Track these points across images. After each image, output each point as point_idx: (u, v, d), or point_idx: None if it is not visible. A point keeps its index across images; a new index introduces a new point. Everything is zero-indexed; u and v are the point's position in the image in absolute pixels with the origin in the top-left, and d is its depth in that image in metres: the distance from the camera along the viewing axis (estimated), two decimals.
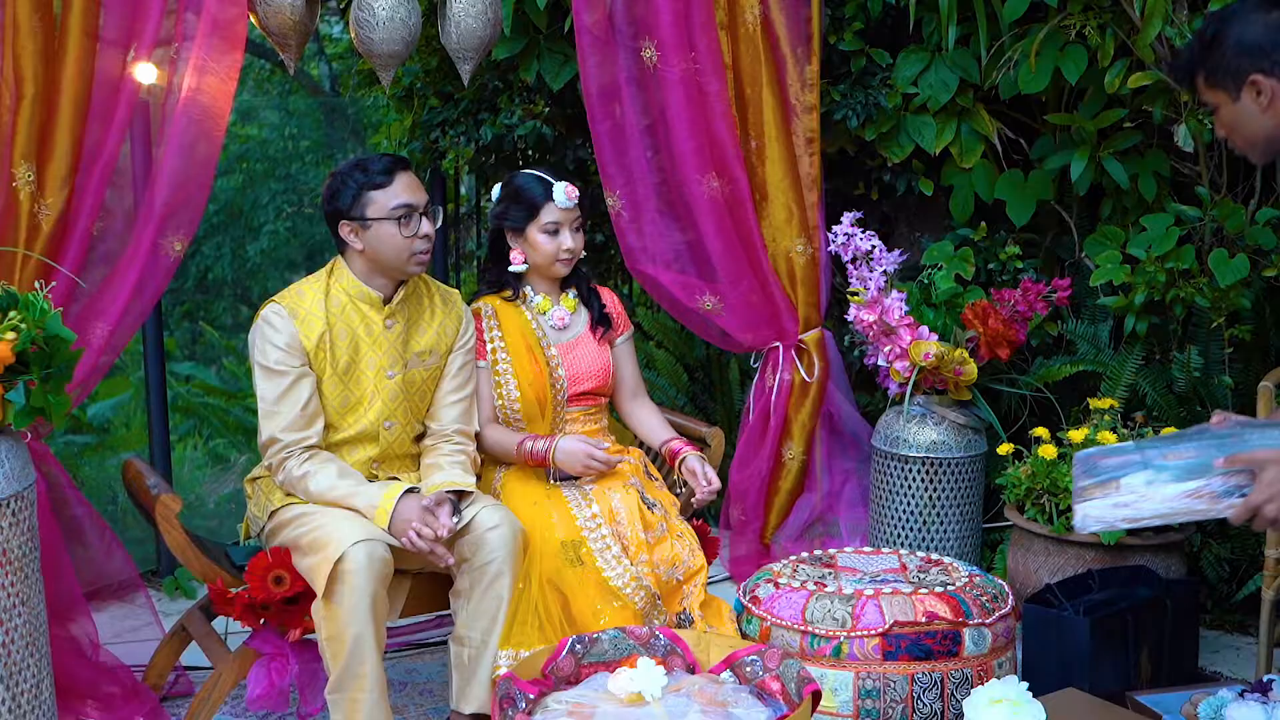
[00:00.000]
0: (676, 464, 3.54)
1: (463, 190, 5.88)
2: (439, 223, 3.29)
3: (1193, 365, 4.03)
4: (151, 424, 4.52)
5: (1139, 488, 2.52)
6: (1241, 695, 2.91)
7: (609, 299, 3.70)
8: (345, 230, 3.21)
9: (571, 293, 3.63)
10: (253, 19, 3.45)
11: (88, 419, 6.72)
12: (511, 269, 3.54)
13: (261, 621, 3.14)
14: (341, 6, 5.29)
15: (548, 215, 3.47)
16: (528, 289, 3.57)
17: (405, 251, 3.21)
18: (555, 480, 3.45)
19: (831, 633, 3.05)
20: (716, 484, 3.46)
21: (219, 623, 3.47)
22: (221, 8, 3.37)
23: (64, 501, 3.46)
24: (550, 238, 3.49)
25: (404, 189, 3.20)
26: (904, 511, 4.10)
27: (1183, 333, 4.19)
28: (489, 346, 3.51)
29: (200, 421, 7.52)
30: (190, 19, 3.40)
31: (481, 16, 3.57)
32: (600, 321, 3.64)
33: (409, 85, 5.17)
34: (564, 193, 3.47)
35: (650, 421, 3.71)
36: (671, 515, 3.43)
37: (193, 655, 3.55)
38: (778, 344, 4.30)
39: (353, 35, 3.51)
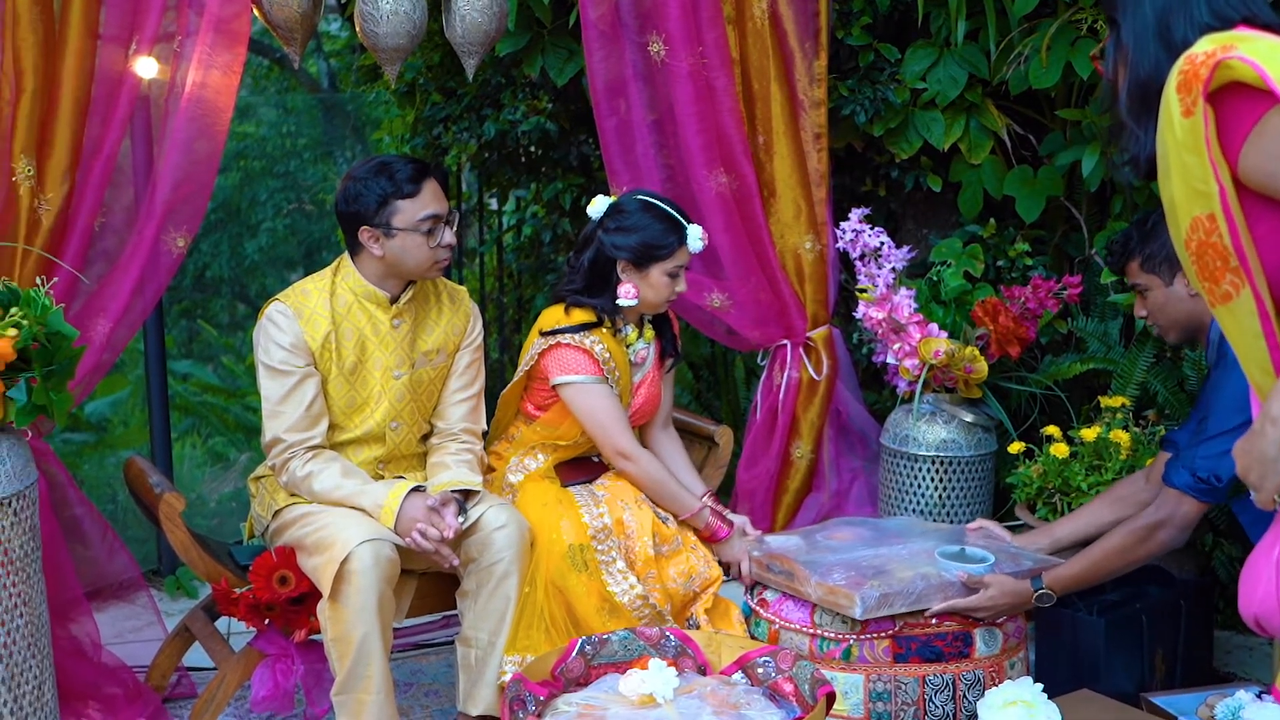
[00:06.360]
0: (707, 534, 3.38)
1: (464, 187, 5.84)
2: (455, 227, 3.25)
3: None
4: (152, 422, 4.49)
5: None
6: (1259, 696, 2.88)
7: (674, 324, 3.59)
8: (365, 236, 3.15)
9: (647, 320, 3.50)
10: (256, 12, 3.41)
11: (85, 417, 6.69)
12: (621, 302, 3.35)
13: (266, 622, 3.11)
14: (343, 1, 5.27)
15: (679, 259, 3.36)
16: (620, 319, 3.41)
17: (429, 260, 3.18)
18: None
19: (841, 635, 3.02)
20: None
21: (221, 623, 3.44)
22: (224, 3, 3.33)
23: (64, 501, 3.42)
24: (672, 280, 3.36)
25: (431, 199, 3.16)
26: (913, 510, 4.06)
27: None
28: (612, 376, 3.36)
29: (199, 420, 7.51)
30: (192, 15, 3.35)
31: (486, 11, 3.52)
32: (670, 352, 3.54)
33: (411, 81, 5.13)
34: (699, 237, 3.37)
35: (678, 460, 3.58)
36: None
37: (195, 656, 3.51)
38: (786, 341, 4.26)
39: (357, 29, 3.47)
